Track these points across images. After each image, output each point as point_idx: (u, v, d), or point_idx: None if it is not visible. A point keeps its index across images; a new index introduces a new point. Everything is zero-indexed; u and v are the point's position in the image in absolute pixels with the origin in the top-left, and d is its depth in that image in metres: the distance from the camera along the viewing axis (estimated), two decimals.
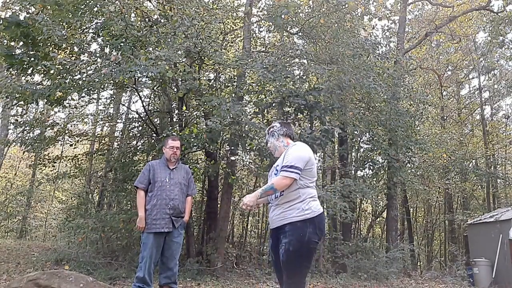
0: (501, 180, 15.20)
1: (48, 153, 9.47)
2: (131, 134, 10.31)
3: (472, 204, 17.01)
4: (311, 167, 2.87)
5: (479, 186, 16.37)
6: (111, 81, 7.17)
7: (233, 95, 8.11)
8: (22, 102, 7.09)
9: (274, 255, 2.94)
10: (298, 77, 8.13)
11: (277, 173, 2.89)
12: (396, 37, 12.75)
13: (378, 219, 14.76)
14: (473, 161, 16.21)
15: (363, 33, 10.31)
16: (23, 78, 7.77)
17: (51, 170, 10.81)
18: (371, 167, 10.89)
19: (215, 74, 9.55)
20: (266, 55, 8.56)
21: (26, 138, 8.47)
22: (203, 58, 7.75)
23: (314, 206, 2.83)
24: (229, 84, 8.90)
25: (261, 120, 8.30)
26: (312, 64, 8.54)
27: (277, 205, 2.89)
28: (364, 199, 12.48)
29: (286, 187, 2.79)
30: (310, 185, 2.88)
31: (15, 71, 7.02)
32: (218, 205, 8.89)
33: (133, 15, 7.36)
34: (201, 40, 7.14)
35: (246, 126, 7.23)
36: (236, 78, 8.62)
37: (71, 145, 9.45)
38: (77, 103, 8.80)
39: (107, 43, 6.79)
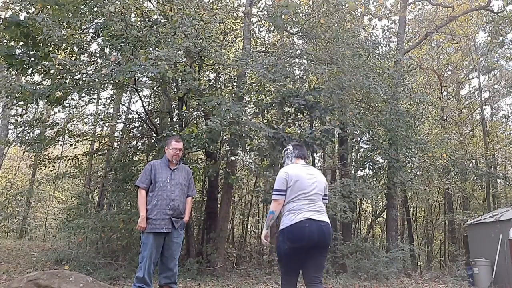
0: (501, 180, 15.18)
1: (48, 153, 9.46)
2: (131, 134, 10.31)
3: (472, 204, 17.01)
4: (290, 185, 3.30)
5: (479, 186, 16.36)
6: (111, 81, 7.16)
7: (233, 95, 8.11)
8: (22, 102, 7.10)
9: None
10: (298, 77, 8.13)
11: None
12: (396, 37, 12.75)
13: (378, 219, 14.76)
14: (473, 161, 16.20)
15: (363, 33, 10.31)
16: (23, 78, 7.77)
17: (51, 170, 10.82)
18: (371, 167, 10.88)
19: (215, 74, 9.55)
20: (266, 55, 8.56)
21: (26, 138, 8.46)
22: (203, 58, 7.75)
23: (287, 220, 3.24)
24: (229, 84, 8.90)
25: (261, 120, 8.30)
26: (312, 64, 8.54)
27: None
28: (364, 199, 12.48)
29: (279, 205, 3.32)
30: (293, 199, 3.28)
31: (15, 71, 7.02)
32: (218, 205, 8.89)
33: (133, 15, 7.35)
34: (201, 40, 7.14)
35: (246, 126, 7.23)
36: (236, 78, 8.62)
37: (71, 145, 9.45)
38: (77, 103, 8.79)
39: (107, 43, 6.79)
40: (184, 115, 7.91)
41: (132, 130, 10.34)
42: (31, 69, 6.58)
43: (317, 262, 3.27)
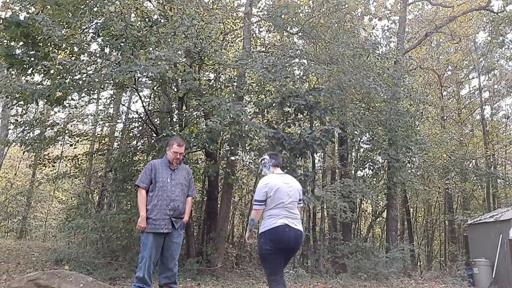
0: (501, 180, 15.17)
1: (48, 153, 9.46)
2: (131, 134, 10.31)
3: (472, 204, 17.00)
4: (270, 195, 3.64)
5: (479, 186, 16.36)
6: (111, 81, 7.16)
7: (233, 95, 8.11)
8: (22, 102, 7.09)
9: None
10: (298, 77, 8.12)
11: None
12: (396, 37, 12.75)
13: (378, 219, 14.76)
14: (473, 161, 16.20)
15: (363, 33, 10.30)
16: (23, 78, 7.77)
17: (51, 170, 10.81)
18: (371, 167, 10.89)
19: (215, 74, 9.55)
20: (266, 55, 8.56)
21: (26, 138, 8.45)
22: (203, 58, 7.75)
23: (268, 223, 3.61)
24: (229, 84, 8.90)
25: (261, 120, 8.30)
26: (312, 64, 8.54)
27: None
28: (364, 199, 12.48)
29: (258, 214, 3.70)
30: (273, 207, 3.63)
31: (15, 71, 7.02)
32: (218, 205, 8.89)
33: (133, 15, 7.35)
34: (201, 40, 7.14)
35: (246, 126, 7.23)
36: (236, 78, 8.62)
37: (71, 145, 9.44)
38: (77, 103, 8.80)
39: (107, 43, 6.79)
40: (184, 115, 7.91)
41: (132, 130, 10.33)
42: (31, 69, 6.58)
43: (286, 262, 3.80)
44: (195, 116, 8.80)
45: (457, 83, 18.72)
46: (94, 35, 7.24)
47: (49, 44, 6.44)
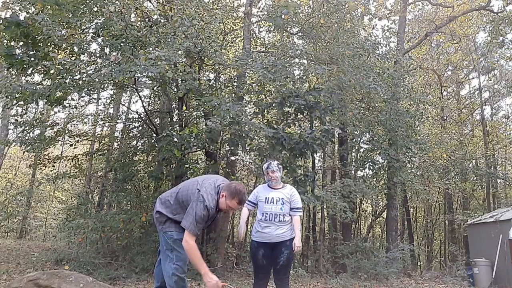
0: (501, 180, 15.17)
1: (48, 153, 9.47)
2: (131, 134, 10.30)
3: (472, 204, 16.99)
4: None
5: (479, 186, 16.35)
6: (111, 81, 7.16)
7: (233, 95, 8.11)
8: (22, 102, 7.10)
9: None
10: (298, 77, 8.12)
11: (284, 204, 4.04)
12: (396, 37, 12.75)
13: (378, 219, 14.75)
14: (473, 161, 16.19)
15: (363, 33, 10.31)
16: (23, 78, 7.77)
17: (51, 170, 10.82)
18: (371, 167, 10.88)
19: (215, 74, 9.55)
20: (266, 55, 8.56)
21: (26, 138, 8.45)
22: (203, 58, 7.75)
23: None
24: (229, 84, 8.90)
25: (261, 120, 8.30)
26: (312, 64, 8.54)
27: (279, 226, 4.01)
28: (364, 199, 12.48)
29: None
30: None
31: (15, 71, 7.02)
32: None
33: (133, 15, 7.36)
34: (201, 40, 7.14)
35: (246, 126, 7.23)
36: (236, 78, 8.62)
37: (71, 145, 9.44)
38: (77, 103, 8.80)
39: (107, 43, 6.80)
40: (184, 115, 7.91)
41: (132, 130, 10.33)
42: (31, 69, 6.58)
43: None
44: (195, 116, 8.80)
45: (457, 83, 18.72)
46: (94, 35, 7.25)
47: (49, 44, 6.45)
